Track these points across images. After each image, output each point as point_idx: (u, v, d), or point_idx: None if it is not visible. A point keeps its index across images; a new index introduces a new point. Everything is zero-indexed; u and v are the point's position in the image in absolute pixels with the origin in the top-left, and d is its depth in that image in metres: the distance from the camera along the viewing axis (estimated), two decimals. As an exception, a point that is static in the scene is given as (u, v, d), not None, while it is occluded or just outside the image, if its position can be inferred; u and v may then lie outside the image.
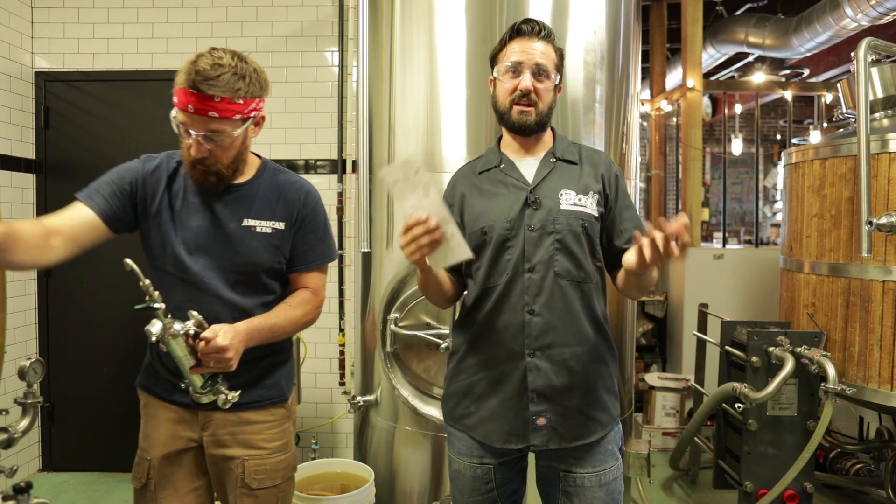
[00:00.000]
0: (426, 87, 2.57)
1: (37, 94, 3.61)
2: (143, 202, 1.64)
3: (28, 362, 1.96)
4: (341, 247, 3.58)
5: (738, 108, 7.68)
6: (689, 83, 4.84)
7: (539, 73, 1.58)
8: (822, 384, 2.57)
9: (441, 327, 2.51)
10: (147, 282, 1.42)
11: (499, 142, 1.72)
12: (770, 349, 2.81)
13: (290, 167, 3.62)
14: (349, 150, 3.57)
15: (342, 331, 3.55)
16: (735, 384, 2.77)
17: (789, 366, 2.66)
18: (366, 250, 2.70)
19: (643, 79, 5.73)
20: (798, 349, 2.75)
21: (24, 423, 1.98)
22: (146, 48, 3.62)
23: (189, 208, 1.63)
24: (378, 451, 2.74)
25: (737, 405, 2.77)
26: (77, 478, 3.60)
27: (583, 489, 1.56)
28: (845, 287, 2.85)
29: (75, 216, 1.54)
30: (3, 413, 2.05)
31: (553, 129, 1.72)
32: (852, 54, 2.43)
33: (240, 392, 1.57)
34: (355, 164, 3.25)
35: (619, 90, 2.65)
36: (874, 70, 3.05)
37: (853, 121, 3.39)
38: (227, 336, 1.46)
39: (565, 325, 1.54)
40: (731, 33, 5.48)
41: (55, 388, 3.62)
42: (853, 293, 2.81)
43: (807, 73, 6.54)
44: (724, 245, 5.00)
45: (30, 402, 2.00)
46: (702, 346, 3.70)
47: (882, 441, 3.24)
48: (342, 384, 3.48)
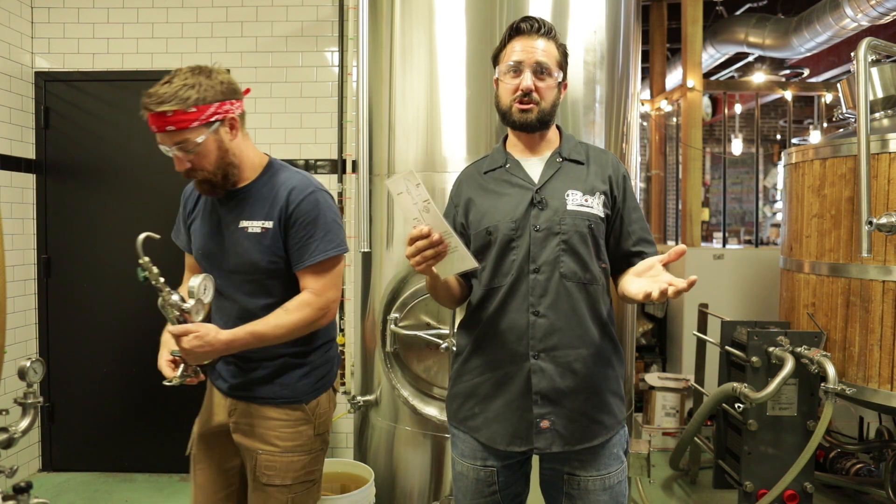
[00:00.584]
0: (426, 87, 2.57)
1: (37, 94, 3.61)
2: (187, 218, 1.85)
3: (28, 362, 1.96)
4: (341, 247, 3.57)
5: (738, 108, 7.68)
6: (689, 83, 4.84)
7: (540, 71, 1.57)
8: (822, 384, 2.57)
9: (441, 327, 2.51)
10: (146, 259, 1.57)
11: (504, 141, 1.70)
12: (770, 349, 2.81)
13: (290, 167, 3.62)
14: (349, 150, 3.57)
15: (342, 331, 3.55)
16: (735, 384, 2.77)
17: (789, 366, 2.65)
18: (366, 250, 2.70)
19: (643, 79, 5.73)
20: (798, 349, 2.75)
21: (24, 423, 1.98)
22: (146, 48, 3.62)
23: (202, 217, 1.78)
24: (378, 451, 2.74)
25: (737, 405, 2.77)
26: (77, 478, 3.60)
27: (587, 492, 1.56)
28: (845, 287, 2.85)
29: (188, 259, 1.89)
30: (3, 413, 2.05)
31: (560, 128, 1.70)
32: (852, 54, 2.44)
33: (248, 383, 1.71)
34: (355, 164, 3.25)
35: (619, 90, 2.65)
36: (874, 70, 3.05)
37: (853, 121, 3.39)
38: (199, 338, 1.54)
39: (570, 327, 1.53)
40: (731, 33, 5.49)
41: (55, 388, 3.62)
42: (853, 293, 2.81)
43: (807, 73, 6.54)
44: (724, 245, 5.00)
45: (30, 402, 2.00)
46: (702, 346, 3.70)
47: (882, 441, 3.24)
48: (342, 384, 3.48)
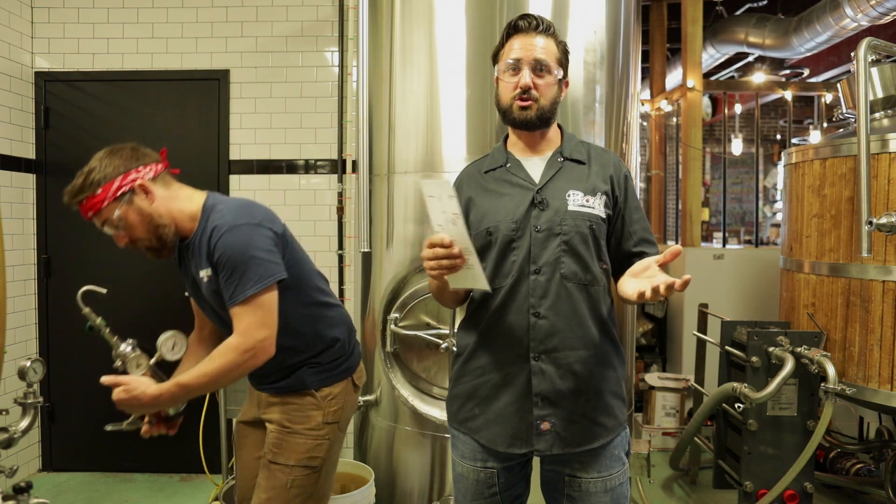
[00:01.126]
0: (426, 87, 2.57)
1: (37, 94, 3.61)
2: (181, 273, 1.93)
3: (28, 362, 1.96)
4: (341, 247, 3.58)
5: (738, 108, 7.68)
6: (689, 83, 4.84)
7: (539, 68, 1.55)
8: (822, 384, 2.57)
9: (441, 327, 2.52)
10: (87, 309, 1.82)
11: (505, 141, 1.69)
12: (770, 349, 2.81)
13: (290, 167, 3.62)
14: (349, 150, 3.57)
15: (342, 331, 3.54)
16: (735, 384, 2.77)
17: (789, 366, 2.65)
18: (366, 250, 2.70)
19: (643, 79, 5.73)
20: (798, 349, 2.75)
21: (24, 423, 1.98)
22: (146, 48, 3.62)
23: (182, 271, 1.88)
24: (378, 451, 2.74)
25: (737, 405, 2.77)
26: (77, 478, 3.60)
27: (588, 494, 1.55)
28: (845, 287, 2.85)
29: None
30: (3, 413, 2.05)
31: (561, 127, 1.68)
32: (852, 54, 2.44)
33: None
34: (355, 164, 3.25)
35: (619, 90, 2.65)
36: (874, 70, 3.05)
37: (853, 121, 3.39)
38: (127, 391, 1.62)
39: (571, 329, 1.52)
40: (731, 33, 5.49)
41: (55, 388, 3.62)
42: (853, 293, 2.81)
43: (807, 73, 6.54)
44: (724, 245, 5.00)
45: (30, 402, 2.00)
46: (702, 346, 3.70)
47: (882, 441, 3.24)
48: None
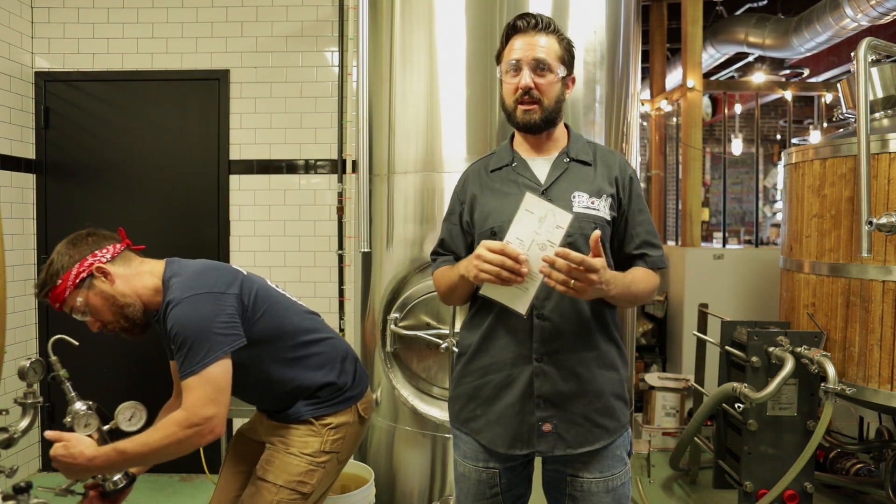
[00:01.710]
0: (426, 87, 2.57)
1: (37, 94, 3.61)
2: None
3: (28, 362, 1.96)
4: (341, 247, 3.58)
5: (738, 108, 7.67)
6: (689, 83, 4.84)
7: (540, 68, 1.53)
8: (822, 384, 2.57)
9: (441, 327, 2.52)
10: (55, 358, 1.87)
11: (512, 139, 1.68)
12: (770, 349, 2.81)
13: (290, 167, 3.62)
14: (349, 150, 3.57)
15: (342, 331, 3.55)
16: (735, 384, 2.77)
17: (789, 366, 2.65)
18: (366, 250, 2.70)
19: (643, 79, 5.73)
20: (798, 349, 2.75)
21: (24, 423, 1.98)
22: (146, 48, 3.62)
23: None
24: (378, 451, 2.74)
25: (737, 405, 2.77)
26: (77, 478, 3.60)
27: (589, 494, 1.55)
28: (845, 287, 2.85)
29: None
30: (3, 413, 2.05)
31: (568, 127, 1.67)
32: (852, 54, 2.44)
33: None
34: (355, 164, 3.25)
35: (619, 90, 2.65)
36: (874, 70, 3.05)
37: (853, 121, 3.39)
38: (65, 448, 1.63)
39: (574, 331, 1.51)
40: (731, 33, 5.48)
41: (55, 388, 3.61)
42: (853, 293, 2.81)
43: (807, 73, 6.54)
44: (724, 245, 5.00)
45: (30, 402, 2.00)
46: (702, 346, 3.70)
47: (882, 441, 3.24)
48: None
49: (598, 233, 1.36)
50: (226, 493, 1.98)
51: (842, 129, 3.44)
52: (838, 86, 3.40)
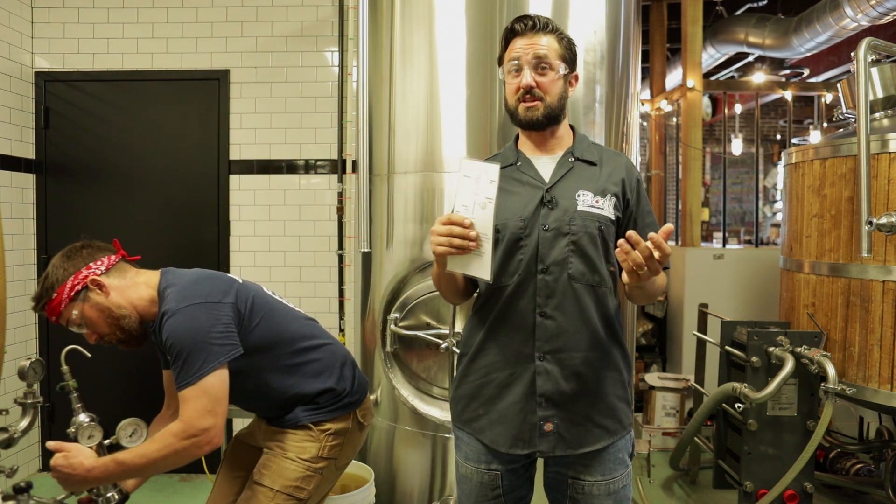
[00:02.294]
0: (426, 87, 2.57)
1: (37, 94, 3.61)
2: None
3: (28, 362, 1.96)
4: (341, 247, 3.58)
5: (738, 108, 7.67)
6: (689, 83, 4.84)
7: (540, 66, 1.54)
8: (822, 384, 2.57)
9: (441, 327, 2.52)
10: (66, 368, 1.89)
11: (516, 140, 1.68)
12: (770, 349, 2.81)
13: (290, 167, 3.62)
14: (349, 150, 3.57)
15: (342, 331, 3.55)
16: (735, 384, 2.77)
17: (789, 366, 2.65)
18: (366, 250, 2.70)
19: (643, 79, 5.73)
20: (798, 349, 2.75)
21: (24, 423, 1.98)
22: (146, 48, 3.62)
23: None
24: (378, 451, 2.74)
25: (737, 405, 2.77)
26: (77, 478, 3.60)
27: (591, 497, 1.55)
28: (845, 287, 2.85)
29: None
30: (3, 413, 2.05)
31: (573, 127, 1.68)
32: (852, 54, 2.44)
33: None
34: (355, 164, 3.25)
35: (619, 90, 2.65)
36: (874, 70, 3.05)
37: (853, 121, 3.39)
38: (65, 458, 1.63)
39: (577, 330, 1.51)
40: (731, 33, 5.48)
41: (55, 388, 3.61)
42: (853, 293, 2.81)
43: (807, 73, 6.53)
44: (724, 245, 5.00)
45: (30, 402, 2.00)
46: (702, 346, 3.70)
47: (882, 441, 3.24)
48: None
49: (670, 226, 1.36)
50: (221, 497, 1.97)
51: (842, 129, 3.44)
52: (838, 86, 3.40)
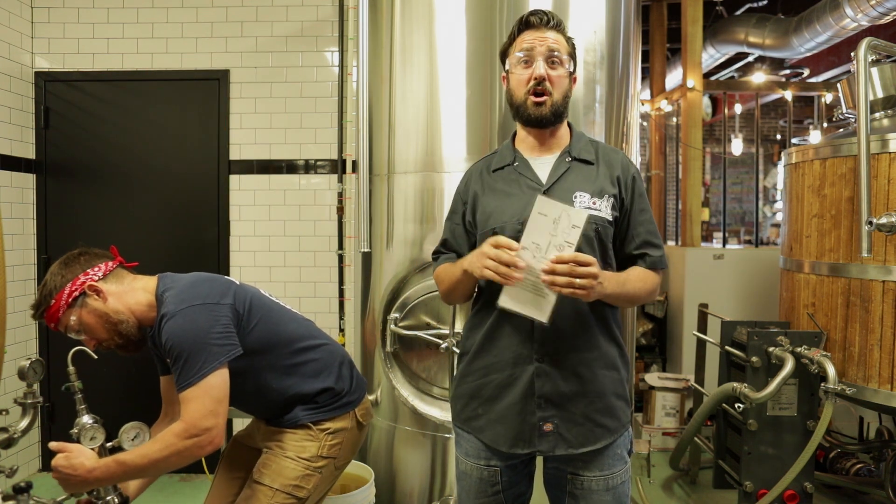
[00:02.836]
0: (426, 87, 2.57)
1: (37, 94, 3.61)
2: None
3: (28, 362, 1.96)
4: (341, 247, 3.58)
5: (738, 108, 7.67)
6: (689, 83, 4.84)
7: (552, 60, 1.54)
8: (822, 384, 2.57)
9: (441, 327, 2.52)
10: (72, 369, 1.83)
11: (514, 138, 1.68)
12: (770, 349, 2.81)
13: (290, 167, 3.62)
14: (349, 150, 3.57)
15: (342, 331, 3.55)
16: (735, 384, 2.77)
17: (789, 366, 2.65)
18: (366, 250, 2.70)
19: (643, 79, 5.73)
20: (798, 349, 2.75)
21: (24, 423, 1.98)
22: (146, 48, 3.62)
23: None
24: (378, 451, 2.74)
25: (737, 405, 2.77)
26: (77, 478, 3.59)
27: (590, 492, 1.55)
28: (845, 287, 2.85)
29: None
30: (3, 413, 2.05)
31: (571, 125, 1.67)
32: (852, 54, 2.44)
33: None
34: (355, 164, 3.25)
35: (619, 90, 2.65)
36: (874, 70, 3.05)
37: (853, 121, 3.39)
38: (67, 458, 1.64)
39: (575, 331, 1.52)
40: (731, 33, 5.48)
41: (55, 388, 3.61)
42: (853, 293, 2.81)
43: (807, 73, 6.53)
44: (724, 245, 5.00)
45: (30, 402, 2.00)
46: (702, 346, 3.70)
47: (882, 441, 3.24)
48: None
49: (569, 256, 1.38)
50: (220, 498, 1.97)
51: (842, 129, 3.44)
52: (838, 86, 3.40)
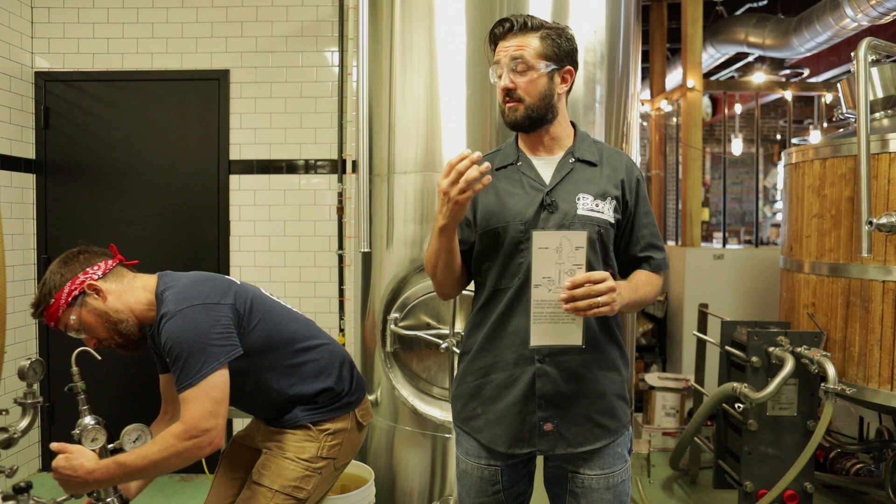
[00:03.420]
0: (426, 87, 2.57)
1: (37, 94, 3.61)
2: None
3: (28, 362, 1.96)
4: (341, 247, 3.58)
5: (738, 108, 7.67)
6: (689, 83, 4.84)
7: (515, 67, 1.51)
8: (822, 384, 2.57)
9: (441, 327, 2.51)
10: (76, 370, 1.82)
11: (517, 138, 1.67)
12: (770, 349, 2.81)
13: (290, 167, 3.62)
14: (349, 150, 3.57)
15: (342, 331, 3.55)
16: (735, 384, 2.77)
17: (789, 366, 2.65)
18: (366, 250, 2.70)
19: (643, 79, 5.72)
20: (798, 349, 2.75)
21: (24, 423, 1.98)
22: (146, 48, 3.62)
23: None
24: (378, 451, 2.74)
25: (737, 405, 2.77)
26: (77, 478, 3.59)
27: (590, 491, 1.56)
28: (845, 287, 2.85)
29: None
30: (3, 413, 2.05)
31: (575, 126, 1.66)
32: (852, 54, 2.44)
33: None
34: (355, 164, 3.25)
35: (619, 90, 2.65)
36: (874, 70, 3.05)
37: (853, 121, 3.39)
38: (67, 459, 1.64)
39: (584, 335, 1.51)
40: (731, 33, 5.48)
41: (55, 388, 3.62)
42: (853, 293, 2.81)
43: (807, 73, 6.53)
44: (724, 245, 5.00)
45: (30, 402, 2.00)
46: (702, 346, 3.70)
47: (882, 441, 3.24)
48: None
49: (583, 276, 1.38)
50: (219, 499, 1.96)
51: (842, 129, 3.44)
52: (838, 86, 3.40)
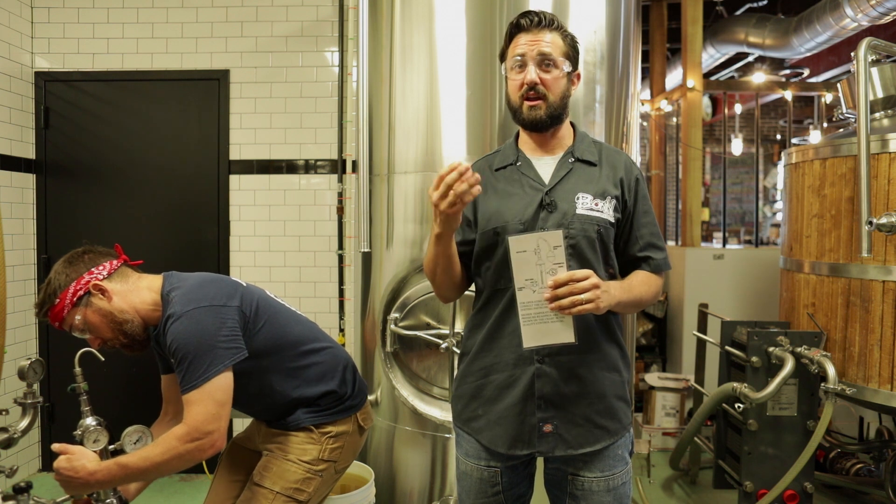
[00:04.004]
0: (426, 87, 2.57)
1: (37, 94, 3.61)
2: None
3: (28, 362, 1.96)
4: (341, 247, 3.58)
5: (738, 108, 7.67)
6: (689, 83, 4.84)
7: (545, 63, 1.51)
8: (822, 384, 2.57)
9: (441, 327, 2.51)
10: (79, 370, 1.85)
11: (517, 138, 1.66)
12: (770, 349, 2.81)
13: (290, 167, 3.62)
14: (349, 150, 3.57)
15: (342, 331, 3.55)
16: (735, 384, 2.77)
17: (789, 366, 2.65)
18: (366, 250, 2.70)
19: (643, 79, 5.72)
20: (798, 349, 2.75)
21: (24, 423, 1.98)
22: (146, 48, 3.62)
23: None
24: (378, 451, 2.74)
25: (737, 405, 2.77)
26: (77, 478, 3.59)
27: (591, 493, 1.55)
28: (845, 287, 2.85)
29: None
30: (3, 413, 2.05)
31: (574, 125, 1.66)
32: (852, 54, 2.44)
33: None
34: (355, 164, 3.25)
35: (619, 90, 2.65)
36: (874, 70, 3.05)
37: (853, 121, 3.39)
38: (69, 461, 1.64)
39: (576, 332, 1.50)
40: (731, 33, 5.48)
41: (55, 388, 3.62)
42: (853, 293, 2.81)
43: (807, 73, 6.53)
44: (724, 245, 5.00)
45: (30, 402, 2.00)
46: (702, 346, 3.70)
47: (882, 441, 3.24)
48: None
49: (564, 275, 1.38)
50: (219, 501, 1.96)
51: (842, 129, 3.44)
52: (838, 86, 3.40)
